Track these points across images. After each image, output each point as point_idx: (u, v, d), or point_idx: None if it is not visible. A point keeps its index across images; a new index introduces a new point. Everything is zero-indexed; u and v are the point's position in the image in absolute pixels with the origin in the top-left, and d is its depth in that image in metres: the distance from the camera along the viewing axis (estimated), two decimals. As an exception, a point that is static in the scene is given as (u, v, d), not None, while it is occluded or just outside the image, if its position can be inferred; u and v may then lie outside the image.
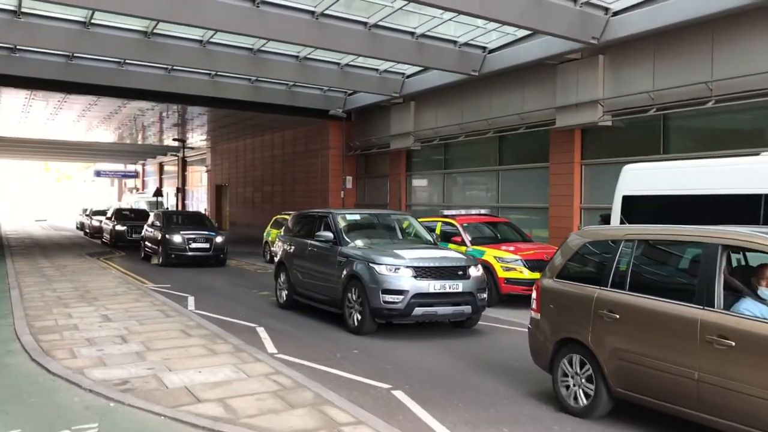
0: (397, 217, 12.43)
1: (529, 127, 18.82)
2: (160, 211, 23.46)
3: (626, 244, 5.95)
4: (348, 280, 9.84)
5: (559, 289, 6.39)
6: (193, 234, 20.13)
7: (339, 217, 11.11)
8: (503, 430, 5.57)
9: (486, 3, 13.34)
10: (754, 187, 8.11)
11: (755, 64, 13.02)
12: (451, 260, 9.88)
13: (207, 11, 14.42)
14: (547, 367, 6.40)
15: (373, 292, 9.28)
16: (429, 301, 9.35)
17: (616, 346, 5.63)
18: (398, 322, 9.55)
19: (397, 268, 9.35)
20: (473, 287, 9.69)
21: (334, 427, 5.25)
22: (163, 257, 19.84)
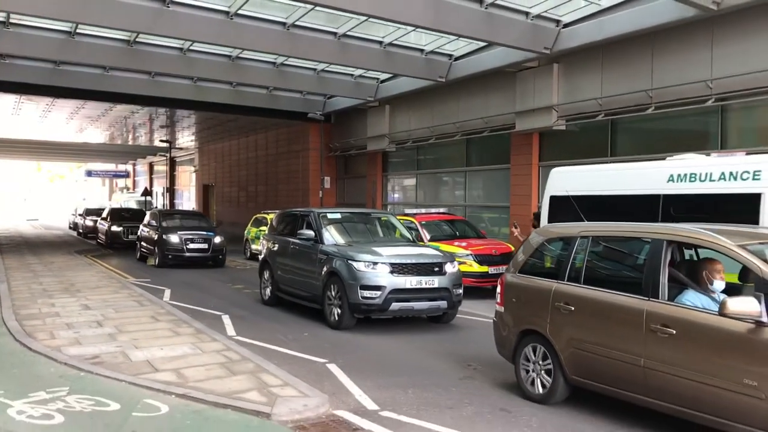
0: (377, 216, 12.86)
1: (493, 130, 19.93)
2: (156, 210, 22.87)
3: (581, 241, 6.28)
4: (328, 277, 10.14)
5: (520, 284, 6.70)
6: (191, 234, 19.58)
7: (320, 216, 11.38)
8: (408, 391, 6.62)
9: (439, 17, 14.41)
10: (653, 188, 9.23)
11: (689, 73, 14.14)
12: (428, 257, 10.17)
13: (184, 24, 15.45)
14: (511, 357, 6.73)
15: (352, 288, 9.57)
16: (406, 297, 9.65)
17: (571, 336, 5.96)
18: (376, 317, 9.88)
19: (375, 265, 9.64)
20: (449, 283, 10.01)
21: (264, 387, 6.32)
22: (159, 258, 19.29)
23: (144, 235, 21.35)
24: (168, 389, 6.29)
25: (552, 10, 15.64)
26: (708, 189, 8.56)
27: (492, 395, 6.64)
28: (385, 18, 14.36)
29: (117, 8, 14.48)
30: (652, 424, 5.74)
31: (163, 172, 52.55)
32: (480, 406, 6.20)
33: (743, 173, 8.23)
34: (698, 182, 8.71)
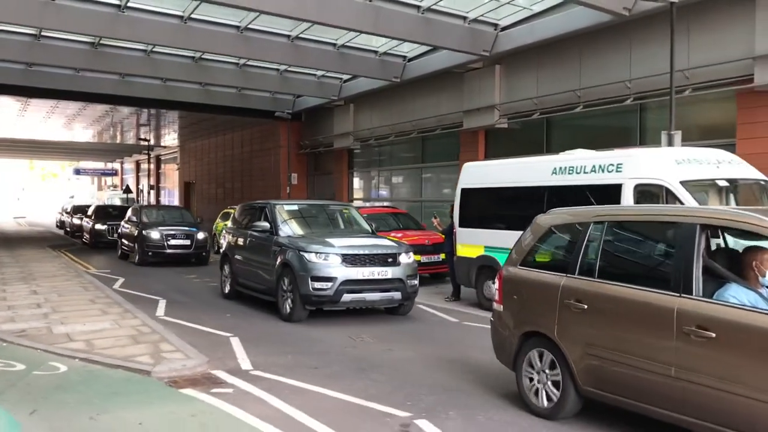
0: (337, 208, 12.71)
1: (444, 128, 20.86)
2: (137, 206, 21.94)
3: (595, 227, 5.40)
4: (281, 269, 10.00)
5: (522, 278, 5.84)
6: (173, 230, 18.65)
7: (277, 208, 11.22)
8: (288, 356, 7.53)
9: (378, 22, 15.31)
10: (541, 180, 10.17)
11: (611, 74, 15.08)
12: (381, 248, 10.04)
13: (141, 28, 16.37)
14: (511, 364, 5.85)
15: (303, 279, 9.43)
16: (358, 288, 9.52)
17: (584, 340, 5.09)
18: (328, 308, 9.78)
19: (327, 256, 9.53)
20: (403, 274, 9.87)
21: (157, 353, 7.24)
22: (139, 255, 18.30)
23: (125, 232, 20.43)
24: (73, 354, 7.20)
25: (488, 14, 16.56)
26: (582, 180, 9.50)
27: (363, 360, 7.42)
28: (327, 23, 15.27)
29: (75, 13, 15.36)
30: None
31: (151, 169, 53.57)
32: (345, 369, 7.07)
33: (609, 166, 9.16)
34: (575, 174, 9.65)
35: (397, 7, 15.47)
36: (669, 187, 8.28)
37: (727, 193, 8.93)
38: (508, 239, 10.58)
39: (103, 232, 24.56)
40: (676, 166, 8.50)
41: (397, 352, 7.92)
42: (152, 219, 19.56)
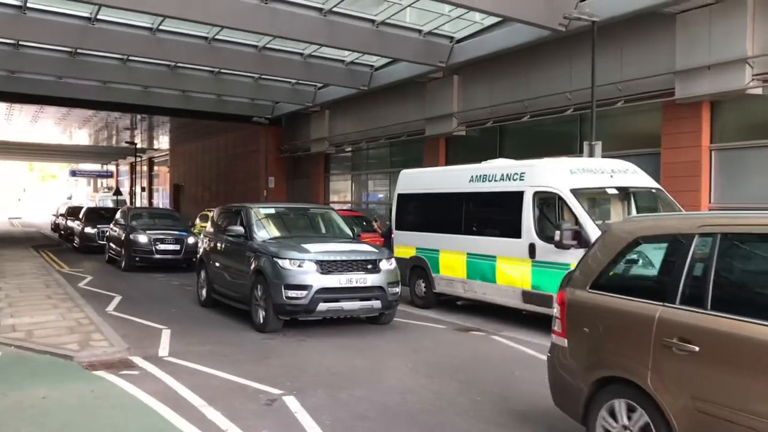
0: (316, 211, 12.04)
1: (409, 135, 21.72)
2: (125, 208, 20.99)
3: (703, 241, 4.11)
4: (255, 276, 9.48)
5: (597, 305, 4.60)
6: (161, 234, 17.70)
7: (252, 211, 10.63)
8: (206, 347, 8.34)
9: (332, 35, 16.18)
10: (461, 186, 10.99)
11: (554, 86, 15.91)
12: (360, 253, 9.47)
13: (113, 39, 17.28)
14: (580, 416, 4.65)
15: (276, 287, 8.91)
16: (334, 296, 9.00)
17: (693, 393, 3.87)
18: (303, 318, 9.25)
19: (301, 263, 8.98)
20: (383, 281, 9.31)
21: (86, 342, 8.05)
22: (126, 260, 17.41)
23: (112, 235, 19.54)
24: (10, 342, 8.03)
25: (443, 27, 17.40)
26: (492, 187, 10.32)
27: (274, 350, 8.18)
28: (283, 36, 16.15)
29: (47, 26, 16.26)
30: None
31: (145, 172, 54.62)
32: (251, 357, 7.86)
33: (514, 175, 9.99)
34: (487, 182, 10.46)
35: (352, 21, 16.33)
36: (561, 195, 9.10)
37: (618, 200, 9.77)
38: (434, 241, 11.54)
39: (93, 235, 23.12)
40: (570, 175, 9.31)
41: (307, 342, 8.73)
42: (140, 222, 18.64)
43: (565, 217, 8.96)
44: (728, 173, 12.88)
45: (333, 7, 15.63)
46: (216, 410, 5.60)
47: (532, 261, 9.39)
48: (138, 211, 20.60)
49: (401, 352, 8.25)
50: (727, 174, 12.89)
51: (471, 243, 10.62)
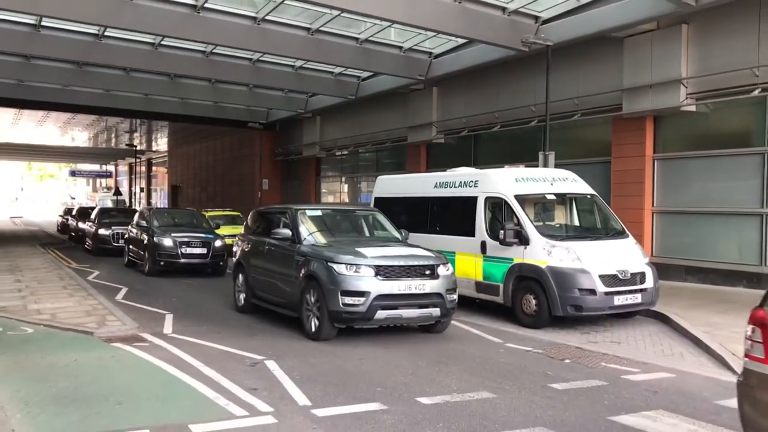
0: (362, 213, 11.62)
1: (393, 142, 23.32)
2: (146, 209, 20.22)
3: None
4: (306, 281, 9.09)
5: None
6: (187, 236, 16.72)
7: (298, 213, 10.26)
8: (203, 327, 9.87)
9: (319, 51, 17.77)
10: (427, 192, 12.55)
11: (521, 99, 17.50)
12: (418, 258, 9.09)
13: (116, 55, 18.84)
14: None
15: (332, 293, 8.53)
16: (393, 303, 8.62)
17: None
18: (359, 326, 8.83)
19: (358, 268, 8.59)
20: (442, 288, 8.95)
21: (103, 322, 9.60)
22: (149, 264, 16.49)
23: (132, 237, 18.52)
24: (39, 322, 9.58)
25: (422, 43, 18.98)
26: (453, 193, 11.87)
27: (257, 328, 9.67)
28: (274, 53, 17.79)
29: (57, 42, 17.82)
30: None
31: (143, 172, 56.18)
32: (240, 334, 9.39)
33: (470, 182, 11.54)
34: (449, 188, 12.02)
35: (337, 39, 17.90)
36: (506, 200, 10.64)
37: (559, 204, 11.35)
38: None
39: (107, 237, 22.13)
40: (515, 183, 10.86)
41: (284, 322, 10.23)
42: (164, 224, 17.65)
43: (509, 218, 10.50)
44: (668, 180, 14.49)
45: (320, 26, 17.19)
46: (211, 369, 7.14)
47: (483, 256, 10.93)
48: (160, 211, 19.47)
49: (366, 331, 9.70)
50: (668, 180, 14.50)
51: (435, 241, 12.13)
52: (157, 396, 6.26)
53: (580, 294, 9.53)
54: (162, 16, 15.12)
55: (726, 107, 13.45)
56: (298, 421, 5.50)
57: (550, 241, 9.99)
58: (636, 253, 10.33)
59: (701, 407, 6.01)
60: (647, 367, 7.56)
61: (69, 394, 6.19)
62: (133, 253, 18.27)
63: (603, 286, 9.57)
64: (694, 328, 9.33)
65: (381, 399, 6.13)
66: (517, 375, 7.12)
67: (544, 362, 7.77)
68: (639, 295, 9.89)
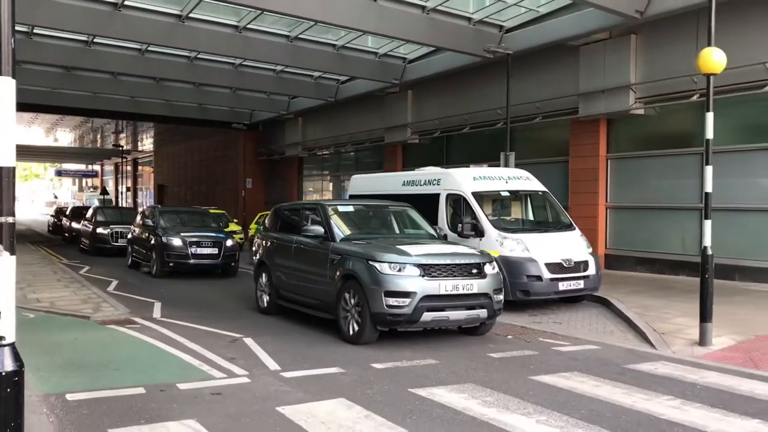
0: (394, 209, 10.93)
1: (371, 142, 24.41)
2: (152, 207, 19.63)
3: None
4: (343, 281, 8.60)
5: None
6: (197, 236, 16.14)
7: (330, 209, 9.85)
8: (189, 312, 10.88)
9: (298, 57, 18.82)
10: (396, 189, 13.62)
11: (488, 102, 18.62)
12: (464, 256, 8.63)
13: (104, 60, 19.76)
14: None
15: (374, 294, 8.06)
16: (440, 305, 8.14)
17: None
18: (404, 329, 8.35)
19: (403, 267, 8.12)
20: (489, 287, 8.47)
21: (98, 308, 10.60)
22: (157, 265, 15.91)
23: (137, 237, 17.91)
24: (39, 308, 10.57)
25: (397, 50, 20.06)
26: (418, 190, 12.95)
27: (237, 312, 10.68)
28: (253, 58, 18.81)
29: (49, 48, 18.73)
30: None
31: (128, 172, 56.91)
32: (221, 318, 10.39)
33: (433, 180, 12.64)
34: (415, 186, 13.11)
35: (315, 45, 18.95)
36: (465, 196, 11.74)
37: (514, 200, 12.48)
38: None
39: (106, 236, 21.88)
40: (473, 181, 11.97)
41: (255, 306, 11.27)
42: (171, 223, 17.07)
43: (467, 213, 11.60)
44: (620, 178, 15.68)
45: (299, 34, 18.22)
46: (196, 344, 8.19)
47: (445, 248, 12.02)
48: (167, 209, 18.63)
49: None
50: (619, 178, 15.69)
51: (403, 234, 13.24)
52: (149, 364, 7.32)
53: (527, 280, 10.65)
54: (149, 26, 16.09)
55: (670, 111, 14.64)
56: (268, 381, 6.56)
57: (502, 234, 11.11)
58: (580, 244, 11.47)
59: (610, 369, 7.13)
60: (577, 341, 8.69)
61: (74, 363, 7.23)
62: (138, 254, 17.66)
63: (549, 273, 10.70)
64: (629, 310, 10.47)
65: (341, 365, 7.20)
66: (462, 347, 8.22)
67: (489, 338, 8.87)
68: (582, 282, 11.04)
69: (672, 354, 7.97)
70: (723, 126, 13.86)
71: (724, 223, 13.52)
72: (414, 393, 6.10)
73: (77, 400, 5.82)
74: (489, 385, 6.43)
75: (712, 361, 7.56)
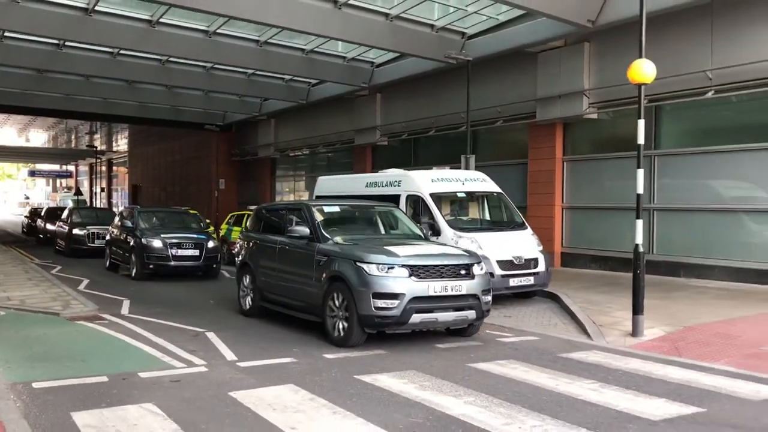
0: (380, 209, 10.86)
1: (342, 144, 24.93)
2: (131, 208, 19.01)
3: None
4: (330, 283, 8.51)
5: None
6: (177, 237, 15.89)
7: (315, 210, 9.76)
8: (157, 309, 11.31)
9: (267, 61, 19.26)
10: (360, 190, 14.15)
11: (453, 106, 19.22)
12: (453, 257, 8.59)
13: (76, 63, 20.03)
14: None
15: (362, 296, 7.99)
16: (428, 306, 8.10)
17: None
18: (392, 331, 8.32)
19: (391, 267, 8.05)
20: (478, 289, 8.46)
21: (67, 306, 10.99)
22: (137, 267, 15.68)
23: (115, 238, 17.57)
24: (10, 306, 10.92)
25: (364, 54, 20.58)
26: (380, 191, 13.48)
27: (201, 309, 11.13)
28: (225, 64, 19.22)
29: (21, 51, 18.97)
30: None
31: (104, 172, 56.84)
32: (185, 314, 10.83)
33: (394, 182, 13.18)
34: (377, 187, 13.64)
35: (284, 50, 19.42)
36: (423, 197, 12.31)
37: (471, 201, 13.08)
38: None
39: (82, 237, 21.66)
40: (431, 183, 12.54)
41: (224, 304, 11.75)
42: (151, 224, 16.93)
43: (425, 213, 12.16)
44: (575, 179, 16.37)
45: (268, 39, 18.67)
46: (160, 338, 8.66)
47: (404, 246, 12.57)
48: (146, 210, 18.26)
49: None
50: (575, 180, 16.37)
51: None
52: (114, 356, 7.78)
53: (480, 277, 11.21)
54: (120, 31, 16.44)
55: (621, 116, 15.34)
56: (224, 370, 7.06)
57: (457, 233, 11.69)
58: (531, 242, 12.10)
59: (545, 357, 7.73)
60: (520, 333, 9.29)
61: (41, 355, 7.65)
62: (117, 256, 17.40)
63: (500, 269, 11.30)
64: (574, 304, 11.11)
65: (294, 356, 7.72)
66: (412, 339, 8.76)
67: (439, 332, 9.43)
68: (532, 278, 11.66)
69: (606, 344, 8.60)
70: (670, 130, 14.64)
71: (672, 222, 14.26)
72: (358, 379, 6.64)
73: (43, 387, 6.26)
74: (429, 371, 6.98)
75: (640, 350, 8.19)
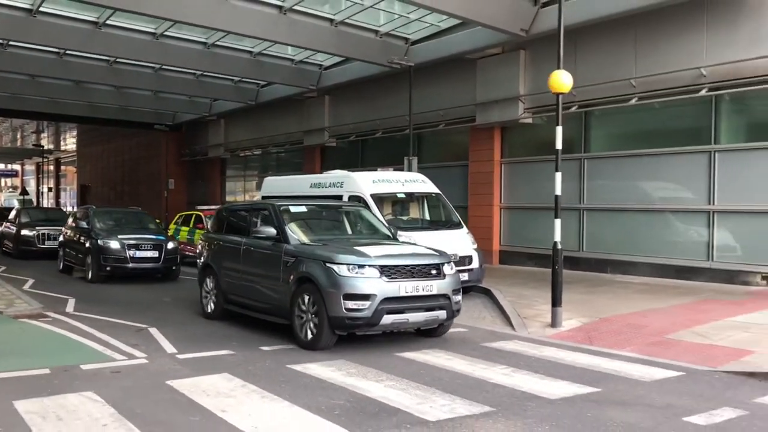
0: (348, 209, 10.89)
1: (292, 144, 25.30)
2: (85, 208, 17.92)
3: None
4: (298, 284, 8.34)
5: None
6: (135, 239, 15.43)
7: (282, 210, 9.52)
8: (103, 308, 11.57)
9: (215, 63, 19.60)
10: (304, 190, 14.60)
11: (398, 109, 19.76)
12: (424, 257, 8.51)
13: (21, 62, 19.95)
14: None
15: (333, 297, 7.83)
16: (400, 307, 7.99)
17: None
18: (362, 332, 8.18)
19: (362, 268, 7.92)
20: (448, 288, 8.41)
21: (11, 305, 11.16)
22: (93, 270, 15.19)
23: (69, 239, 17.09)
24: (-49, 306, 11.07)
25: (312, 57, 21.01)
26: (324, 192, 13.96)
27: (148, 305, 11.44)
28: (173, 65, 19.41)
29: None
30: None
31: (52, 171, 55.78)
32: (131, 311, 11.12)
33: (337, 182, 13.68)
34: (321, 188, 14.11)
35: (233, 52, 19.73)
36: (364, 197, 12.82)
37: (411, 201, 13.67)
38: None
39: (31, 239, 20.96)
40: (372, 184, 13.07)
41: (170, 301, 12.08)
42: (108, 225, 16.29)
43: (365, 213, 12.67)
44: (512, 181, 17.13)
45: (215, 41, 18.95)
46: (104, 333, 8.97)
47: (345, 245, 13.07)
48: (102, 210, 17.52)
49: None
50: (512, 181, 17.14)
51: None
52: (57, 350, 8.09)
53: (416, 273, 11.78)
54: (66, 32, 16.52)
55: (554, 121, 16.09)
56: (164, 361, 7.46)
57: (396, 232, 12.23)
58: (466, 240, 12.74)
59: (467, 346, 8.34)
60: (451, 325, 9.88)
61: (-16, 351, 7.92)
62: (71, 258, 16.86)
63: (435, 267, 11.87)
64: (504, 299, 11.78)
65: (233, 348, 8.15)
66: (347, 332, 9.27)
67: (373, 324, 9.95)
68: (466, 274, 12.27)
69: (527, 334, 9.27)
70: (598, 135, 15.50)
71: (600, 221, 15.12)
72: (290, 368, 7.13)
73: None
74: (357, 360, 7.50)
75: (556, 339, 8.88)
